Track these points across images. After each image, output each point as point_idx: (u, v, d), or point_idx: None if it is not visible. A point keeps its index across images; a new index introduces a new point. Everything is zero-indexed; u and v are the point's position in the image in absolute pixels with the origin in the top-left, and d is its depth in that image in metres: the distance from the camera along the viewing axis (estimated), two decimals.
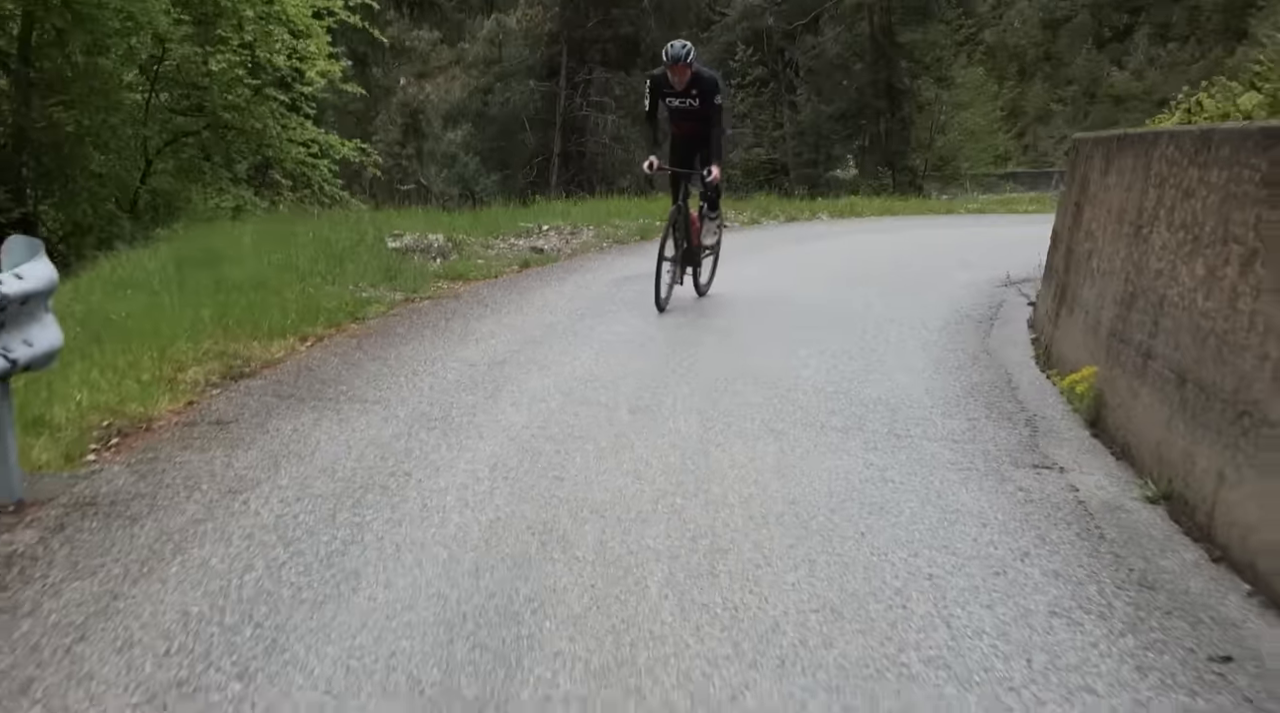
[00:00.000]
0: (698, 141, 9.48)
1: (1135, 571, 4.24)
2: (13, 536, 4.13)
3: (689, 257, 9.77)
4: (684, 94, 9.27)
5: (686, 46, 9.25)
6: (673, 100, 9.39)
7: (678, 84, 9.22)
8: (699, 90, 9.27)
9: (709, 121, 9.34)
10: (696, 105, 9.29)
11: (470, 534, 4.27)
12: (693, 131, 9.46)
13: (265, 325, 7.62)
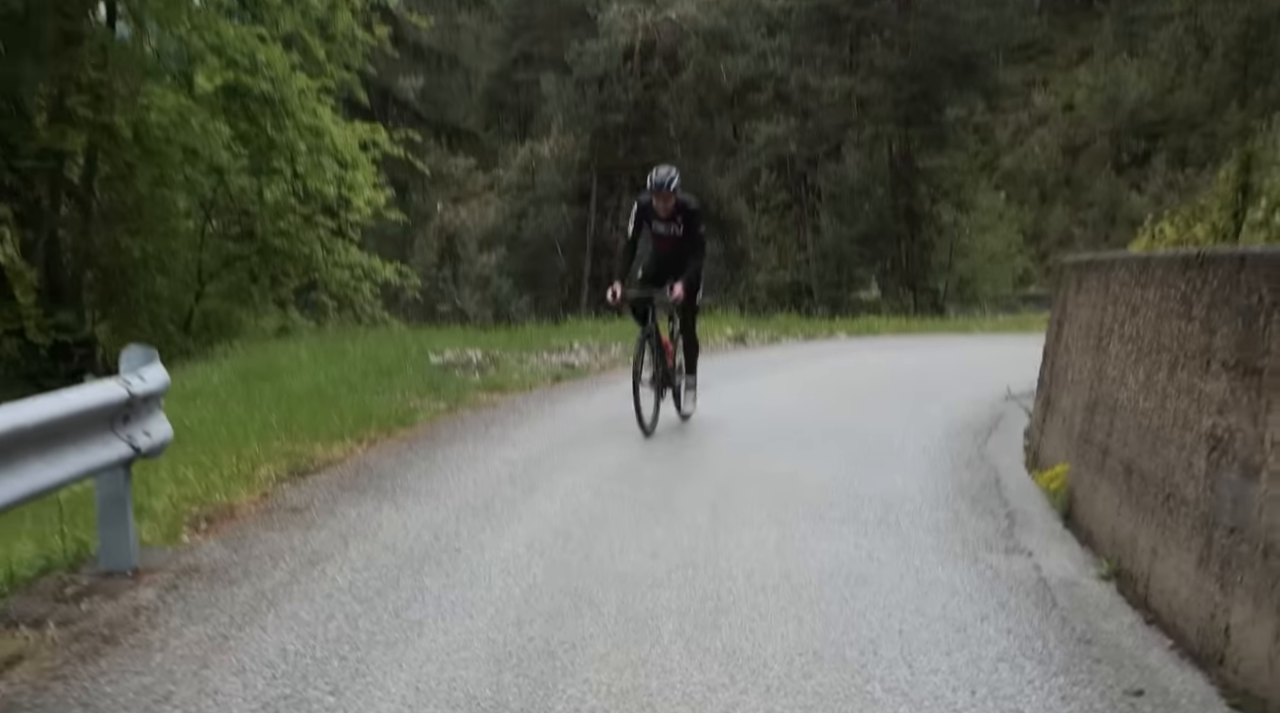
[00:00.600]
0: (673, 264, 9.49)
1: (1077, 630, 4.98)
2: (136, 593, 4.98)
3: (666, 378, 9.67)
4: (668, 220, 9.39)
5: (672, 173, 9.34)
6: (658, 226, 9.47)
7: (663, 211, 9.33)
8: (683, 218, 9.42)
9: (689, 247, 9.47)
10: (680, 233, 9.43)
11: (513, 596, 5.08)
12: (673, 253, 9.51)
13: (325, 430, 8.52)
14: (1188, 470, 5.05)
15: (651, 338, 9.46)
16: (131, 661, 4.23)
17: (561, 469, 7.82)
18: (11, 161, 15.41)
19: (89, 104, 15.41)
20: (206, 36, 16.05)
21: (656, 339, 9.53)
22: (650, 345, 9.44)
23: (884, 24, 37.33)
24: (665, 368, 9.63)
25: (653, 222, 9.46)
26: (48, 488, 4.70)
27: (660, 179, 9.21)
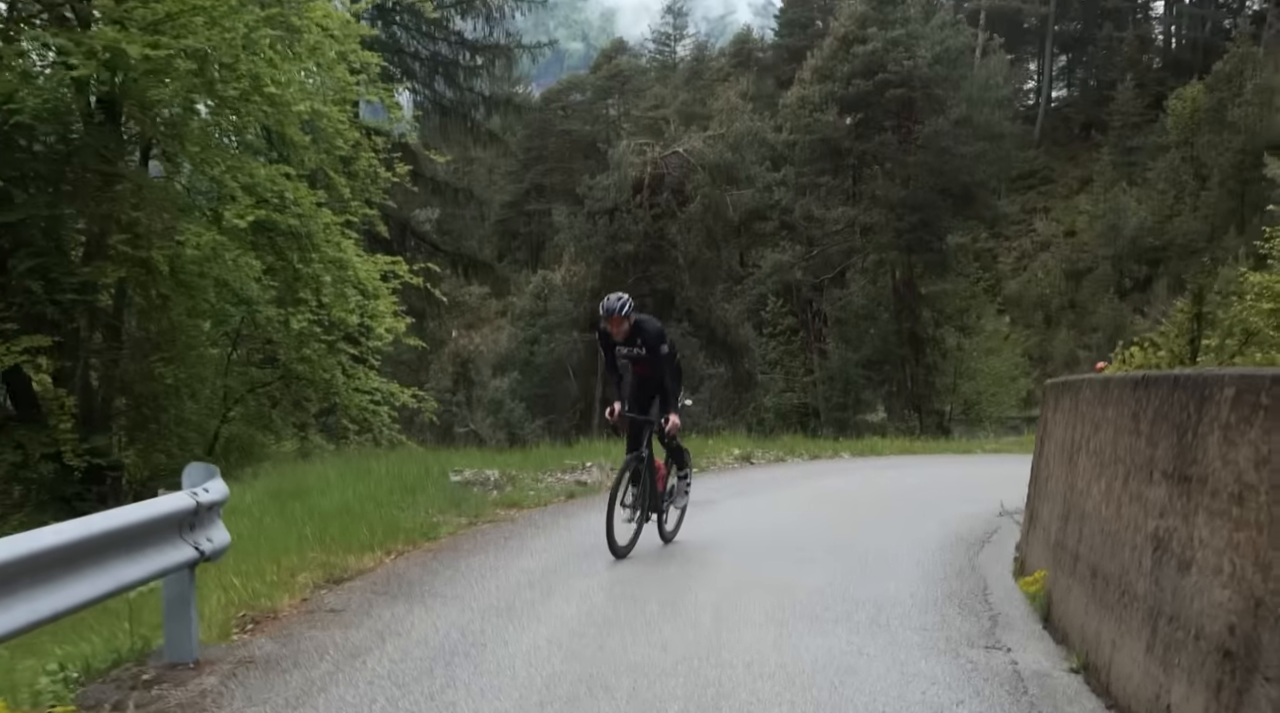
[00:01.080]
0: (654, 384, 9.71)
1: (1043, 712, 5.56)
2: (201, 681, 5.58)
3: (653, 503, 9.74)
4: (629, 343, 9.50)
5: (622, 299, 9.47)
6: (621, 349, 9.60)
7: (618, 335, 9.45)
8: (643, 340, 9.49)
9: (663, 370, 9.61)
10: (644, 354, 9.53)
11: (535, 682, 5.68)
12: (648, 374, 9.69)
13: (356, 542, 9.15)
14: (1138, 568, 5.66)
15: (644, 462, 9.58)
16: None
17: (577, 576, 8.42)
18: (53, 296, 16.22)
19: (128, 241, 16.28)
20: (240, 177, 16.97)
21: (649, 463, 9.66)
22: (640, 469, 9.55)
23: (885, 156, 38.72)
24: (654, 492, 9.74)
25: (617, 346, 9.60)
26: (128, 585, 5.35)
27: (610, 306, 9.39)
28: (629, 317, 9.38)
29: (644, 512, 9.59)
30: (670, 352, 9.76)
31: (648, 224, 32.24)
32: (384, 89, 22.85)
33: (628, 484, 9.43)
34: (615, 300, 9.44)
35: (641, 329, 9.51)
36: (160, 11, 15.49)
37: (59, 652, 5.94)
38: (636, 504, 9.48)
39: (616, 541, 9.14)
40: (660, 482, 9.86)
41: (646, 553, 9.59)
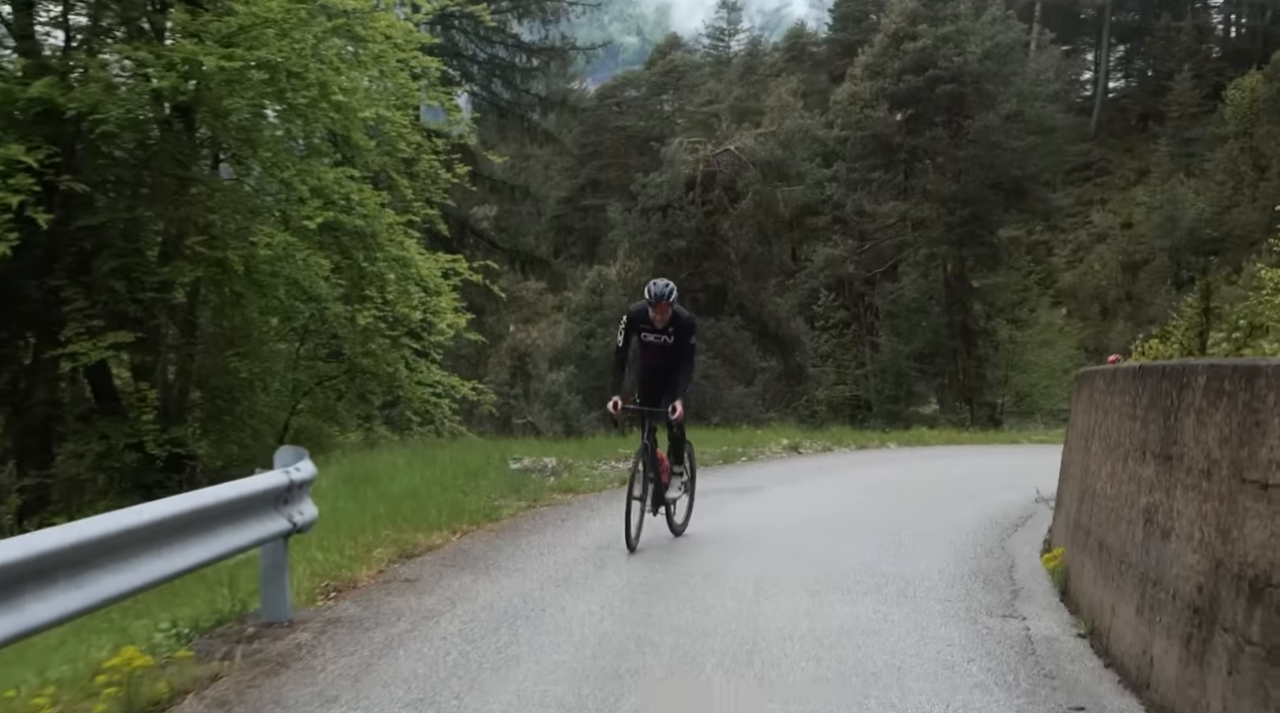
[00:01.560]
0: (665, 376, 9.67)
1: (1046, 669, 6.18)
2: (295, 636, 6.35)
3: (658, 496, 9.72)
4: (661, 331, 9.51)
5: (669, 285, 9.49)
6: (648, 335, 9.59)
7: (658, 321, 9.45)
8: (676, 328, 9.52)
9: (679, 358, 9.59)
10: (670, 342, 9.55)
11: (589, 640, 6.38)
12: (662, 366, 9.66)
13: (425, 522, 9.91)
14: (1133, 540, 6.27)
15: (647, 454, 9.54)
16: (303, 677, 5.60)
17: (627, 553, 9.12)
18: (134, 294, 17.16)
19: (205, 242, 17.18)
20: (308, 180, 17.80)
21: (653, 455, 9.62)
22: (645, 461, 9.50)
23: (935, 151, 39.06)
24: (659, 484, 9.69)
25: (643, 332, 9.60)
26: (234, 550, 6.13)
27: (661, 291, 9.37)
28: (673, 303, 9.42)
29: (653, 504, 9.61)
30: (694, 343, 9.83)
31: (700, 220, 32.86)
32: (444, 92, 23.68)
33: (641, 476, 9.42)
34: (664, 286, 9.47)
35: (678, 318, 9.56)
36: (234, 25, 16.31)
37: (168, 614, 6.73)
38: (645, 497, 9.45)
39: (631, 533, 9.14)
40: (664, 474, 9.79)
41: (693, 534, 10.25)
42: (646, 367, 9.88)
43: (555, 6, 33.88)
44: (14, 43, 18.01)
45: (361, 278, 19.83)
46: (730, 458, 16.96)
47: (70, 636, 6.59)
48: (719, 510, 11.52)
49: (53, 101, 15.40)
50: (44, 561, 4.38)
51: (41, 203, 15.30)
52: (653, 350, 9.70)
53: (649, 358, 9.79)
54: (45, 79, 15.46)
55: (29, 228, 15.10)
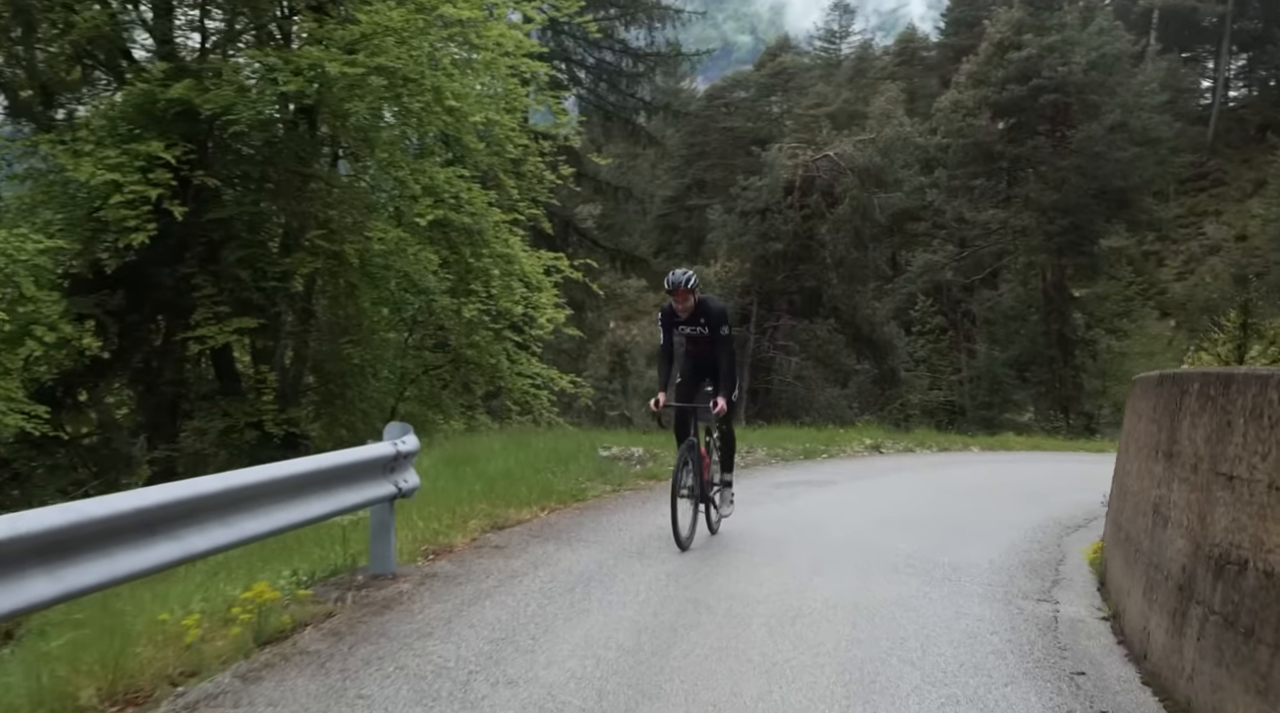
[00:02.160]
0: (709, 366, 9.66)
1: (1063, 644, 6.86)
2: (398, 586, 7.31)
3: (700, 493, 9.65)
4: (692, 322, 9.50)
5: (688, 273, 9.51)
6: (684, 328, 9.57)
7: (683, 312, 9.43)
8: (705, 318, 9.50)
9: (717, 349, 9.57)
10: (705, 333, 9.53)
11: (652, 601, 7.23)
12: (705, 355, 9.66)
13: (516, 499, 10.85)
14: (1145, 529, 6.94)
15: (692, 450, 9.51)
16: (403, 617, 6.54)
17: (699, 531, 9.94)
18: (258, 283, 18.42)
19: (324, 236, 18.38)
20: (420, 179, 18.88)
21: (696, 451, 9.56)
22: (690, 458, 9.47)
23: (1037, 160, 39.13)
24: (701, 481, 9.61)
25: (678, 325, 9.60)
26: (349, 508, 7.10)
27: (677, 279, 9.40)
28: (694, 291, 9.40)
29: (698, 500, 9.59)
30: (729, 335, 9.76)
31: (797, 224, 33.46)
32: (552, 96, 24.72)
33: (686, 473, 9.41)
34: (681, 274, 9.50)
35: (706, 307, 9.55)
36: (356, 32, 17.43)
37: (290, 566, 7.72)
38: (692, 494, 9.47)
39: (680, 530, 9.10)
40: (705, 470, 9.71)
41: (763, 520, 11.04)
42: (691, 359, 9.89)
43: (661, 13, 34.77)
44: (155, 46, 19.40)
45: (468, 273, 20.87)
46: (811, 454, 17.71)
47: (207, 581, 7.63)
48: (790, 501, 12.31)
49: (190, 102, 16.64)
50: (200, 502, 5.38)
51: (177, 196, 16.57)
52: (694, 343, 9.71)
53: (692, 351, 9.82)
54: (184, 82, 16.70)
55: (165, 219, 16.37)
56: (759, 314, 34.30)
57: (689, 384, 9.84)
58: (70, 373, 18.17)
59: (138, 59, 19.33)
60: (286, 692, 5.23)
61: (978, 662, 6.22)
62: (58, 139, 16.91)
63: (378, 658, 5.78)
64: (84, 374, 18.45)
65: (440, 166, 19.69)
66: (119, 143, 16.55)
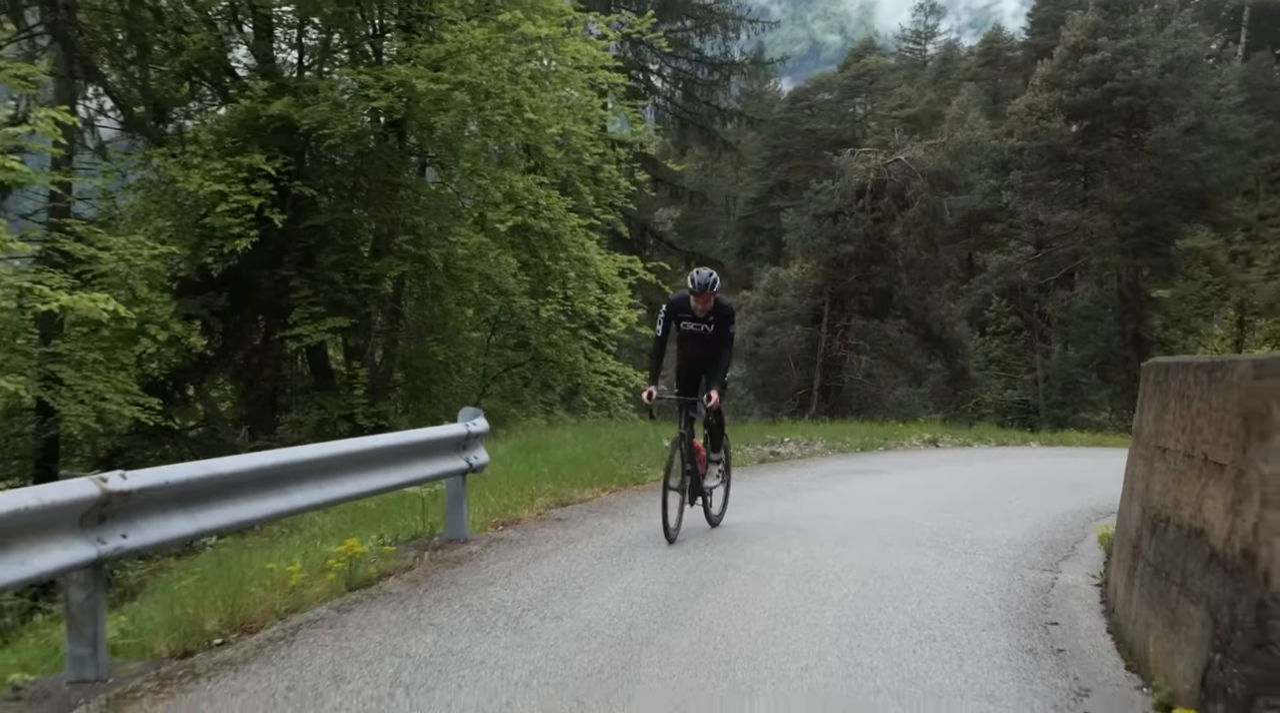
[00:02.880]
0: (704, 365, 9.76)
1: (1049, 603, 7.75)
2: (468, 548, 8.47)
3: (695, 486, 9.73)
4: (702, 320, 9.58)
5: (713, 275, 9.56)
6: (688, 324, 9.65)
7: (699, 310, 9.53)
8: (716, 317, 9.60)
9: (718, 347, 9.66)
10: (710, 331, 9.61)
11: (689, 563, 8.29)
12: (701, 355, 9.75)
13: (580, 481, 11.99)
14: (1126, 505, 7.83)
15: (685, 443, 9.59)
16: (471, 571, 7.69)
17: (742, 511, 10.94)
18: (350, 285, 19.79)
19: (411, 241, 19.70)
20: (501, 187, 20.10)
21: (689, 445, 9.67)
22: (682, 451, 9.57)
23: (1112, 162, 39.38)
24: (696, 475, 9.72)
25: (683, 321, 9.68)
26: (425, 478, 8.30)
27: (704, 280, 9.44)
28: (715, 293, 9.54)
29: (690, 495, 9.67)
30: (733, 332, 9.92)
31: (868, 227, 34.18)
32: (629, 105, 25.86)
33: (678, 466, 9.51)
34: (708, 275, 9.53)
35: (719, 307, 9.67)
36: (442, 50, 18.68)
37: (377, 532, 8.91)
38: (683, 487, 9.55)
39: (669, 524, 9.16)
40: (700, 464, 9.83)
41: (803, 500, 12.01)
42: (685, 356, 9.97)
43: (736, 23, 35.74)
44: (256, 64, 20.87)
45: (546, 275, 22.06)
46: (868, 447, 18.61)
47: (306, 543, 8.85)
48: (836, 486, 13.27)
49: (289, 118, 18.04)
50: (304, 466, 6.60)
51: (276, 205, 17.97)
52: (692, 340, 9.78)
53: (688, 347, 9.88)
54: (284, 99, 18.09)
55: (265, 226, 17.79)
56: (830, 314, 35.11)
57: (687, 379, 9.96)
58: (179, 369, 19.71)
59: (240, 76, 20.83)
60: (371, 620, 6.39)
61: (965, 613, 7.16)
62: (169, 153, 18.39)
63: (447, 599, 6.91)
64: (191, 370, 19.97)
65: (520, 174, 20.87)
66: (224, 155, 17.99)
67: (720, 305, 9.69)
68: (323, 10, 19.90)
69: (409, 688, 5.18)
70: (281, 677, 5.31)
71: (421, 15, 20.38)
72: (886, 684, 5.50)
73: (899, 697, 5.31)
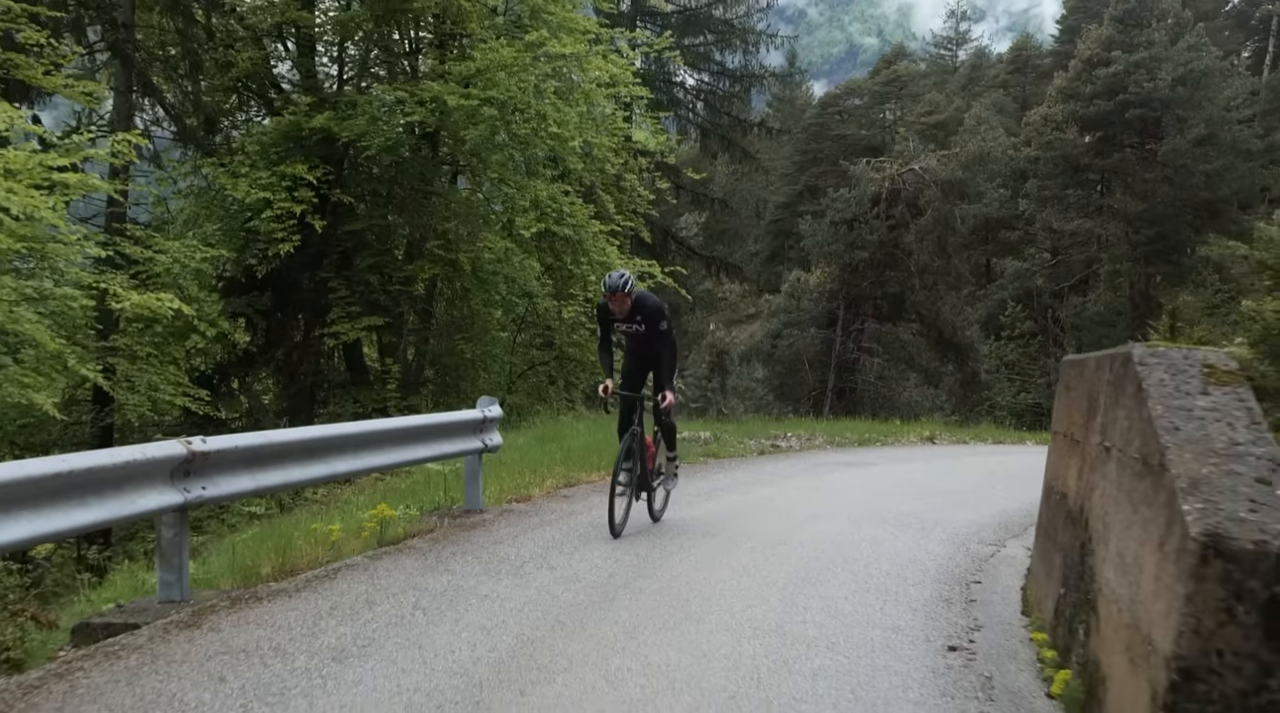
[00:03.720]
0: (649, 361, 9.87)
1: (983, 568, 8.97)
2: (483, 517, 9.82)
3: (642, 481, 9.80)
4: (628, 321, 9.59)
5: (624, 276, 9.47)
6: (620, 326, 9.70)
7: (618, 312, 9.49)
8: (642, 317, 9.57)
9: (657, 346, 9.68)
10: (643, 331, 9.62)
11: (673, 531, 9.58)
12: (644, 351, 9.81)
13: (589, 466, 13.30)
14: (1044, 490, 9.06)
15: (636, 439, 9.65)
16: (484, 534, 9.03)
17: (735, 492, 12.26)
18: (385, 287, 21.21)
19: (441, 245, 21.08)
20: (527, 195, 21.47)
21: (640, 440, 9.71)
22: (633, 447, 9.63)
23: (1124, 172, 40.41)
24: (644, 470, 9.78)
25: (615, 323, 9.72)
26: (445, 455, 9.68)
27: (614, 283, 9.37)
28: (630, 294, 9.45)
29: (636, 490, 9.79)
30: (668, 329, 9.81)
31: (883, 234, 35.34)
32: (651, 117, 27.18)
33: (625, 462, 9.60)
34: (618, 277, 9.47)
35: (642, 306, 9.62)
36: (472, 68, 20.05)
37: (404, 504, 10.26)
38: (630, 482, 9.66)
39: (615, 518, 9.30)
40: (650, 460, 9.91)
41: (787, 486, 13.26)
42: (630, 353, 10.04)
43: (756, 38, 37.00)
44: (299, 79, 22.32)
45: (569, 278, 23.40)
46: (866, 442, 19.84)
47: (343, 511, 10.21)
48: (824, 475, 14.54)
49: (330, 131, 19.46)
50: (343, 439, 8.00)
51: (317, 211, 19.39)
52: (631, 338, 9.87)
53: (631, 345, 9.96)
54: (326, 113, 19.51)
55: (307, 231, 19.20)
56: (845, 318, 36.32)
57: (631, 376, 10.04)
58: (224, 364, 21.17)
59: (284, 89, 22.29)
60: (398, 566, 7.75)
61: (903, 573, 8.40)
62: (218, 162, 19.85)
63: (461, 553, 8.25)
64: (236, 365, 21.42)
65: (546, 183, 22.21)
66: (269, 165, 19.43)
67: (644, 305, 9.65)
68: (362, 28, 21.33)
69: (425, 611, 6.54)
70: (325, 601, 6.69)
71: (453, 34, 21.77)
72: (814, 618, 6.77)
73: (821, 626, 6.58)
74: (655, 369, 9.87)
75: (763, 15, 37.88)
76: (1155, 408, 4.79)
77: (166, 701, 4.98)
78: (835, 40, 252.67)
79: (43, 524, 5.43)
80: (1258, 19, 67.61)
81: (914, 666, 5.90)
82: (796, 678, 5.55)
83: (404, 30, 22.47)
